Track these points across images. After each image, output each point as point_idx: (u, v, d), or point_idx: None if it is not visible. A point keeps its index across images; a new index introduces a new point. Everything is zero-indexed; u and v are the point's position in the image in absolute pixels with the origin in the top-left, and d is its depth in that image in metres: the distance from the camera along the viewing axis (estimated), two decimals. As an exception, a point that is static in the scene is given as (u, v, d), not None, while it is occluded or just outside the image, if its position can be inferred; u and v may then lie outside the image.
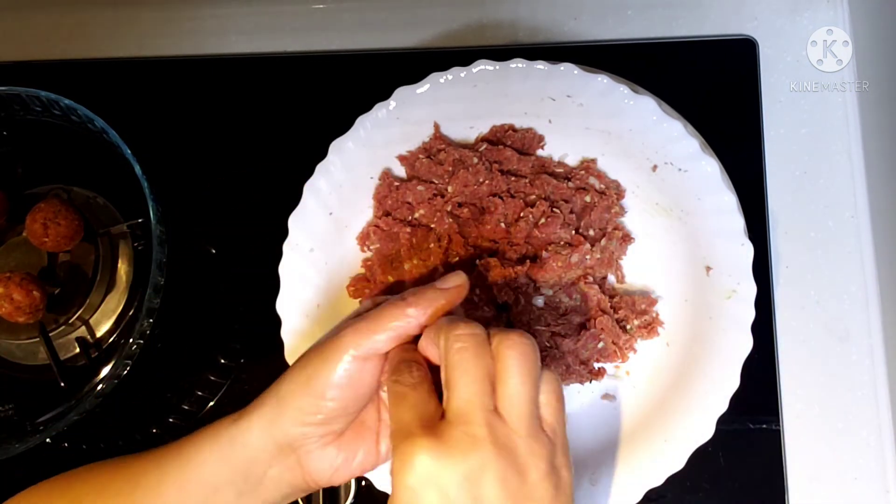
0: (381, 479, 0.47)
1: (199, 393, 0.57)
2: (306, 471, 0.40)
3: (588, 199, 0.49)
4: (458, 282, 0.39)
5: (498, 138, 0.51)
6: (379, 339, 0.37)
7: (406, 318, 0.37)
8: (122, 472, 0.42)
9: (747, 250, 0.46)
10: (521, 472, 0.32)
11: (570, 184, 0.49)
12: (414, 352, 0.38)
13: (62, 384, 0.54)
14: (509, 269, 0.46)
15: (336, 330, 0.39)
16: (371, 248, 0.50)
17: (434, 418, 0.33)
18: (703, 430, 0.46)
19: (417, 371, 0.36)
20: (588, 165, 0.50)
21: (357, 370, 0.38)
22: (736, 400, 0.45)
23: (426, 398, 0.35)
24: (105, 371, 0.54)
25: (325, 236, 0.50)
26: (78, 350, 0.55)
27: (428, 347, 0.37)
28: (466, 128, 0.52)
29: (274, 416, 0.39)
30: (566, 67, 0.48)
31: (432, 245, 0.48)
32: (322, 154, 0.50)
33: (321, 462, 0.40)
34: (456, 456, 0.31)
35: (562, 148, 0.51)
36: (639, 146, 0.49)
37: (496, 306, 0.47)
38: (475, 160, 0.49)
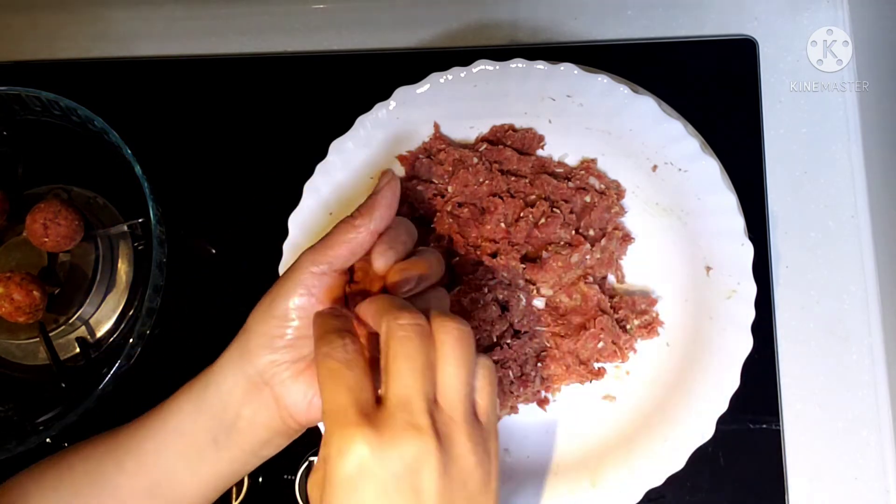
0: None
1: (199, 393, 0.57)
2: (281, 405, 0.39)
3: (588, 199, 0.49)
4: (387, 180, 0.40)
5: (498, 138, 0.51)
6: (334, 254, 0.38)
7: (355, 229, 0.38)
8: (107, 439, 0.42)
9: (747, 250, 0.46)
10: (458, 460, 0.32)
11: (570, 184, 0.49)
12: (345, 319, 0.36)
13: (62, 384, 0.54)
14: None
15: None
16: (371, 248, 0.50)
17: (370, 403, 0.32)
18: (703, 431, 0.46)
19: (352, 344, 0.34)
20: (588, 165, 0.50)
21: (317, 286, 0.38)
22: (736, 400, 0.45)
23: (362, 379, 0.33)
24: (105, 371, 0.54)
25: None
26: (78, 350, 0.55)
27: (366, 315, 0.36)
28: (466, 128, 0.52)
29: (242, 349, 0.39)
30: (566, 67, 0.48)
31: (432, 245, 0.48)
32: (322, 154, 0.50)
33: (295, 394, 0.39)
34: (397, 447, 0.30)
35: (562, 148, 0.51)
36: (639, 146, 0.49)
37: (501, 307, 0.47)
38: (475, 160, 0.49)
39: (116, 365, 0.51)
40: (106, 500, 0.41)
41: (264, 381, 0.39)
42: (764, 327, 0.51)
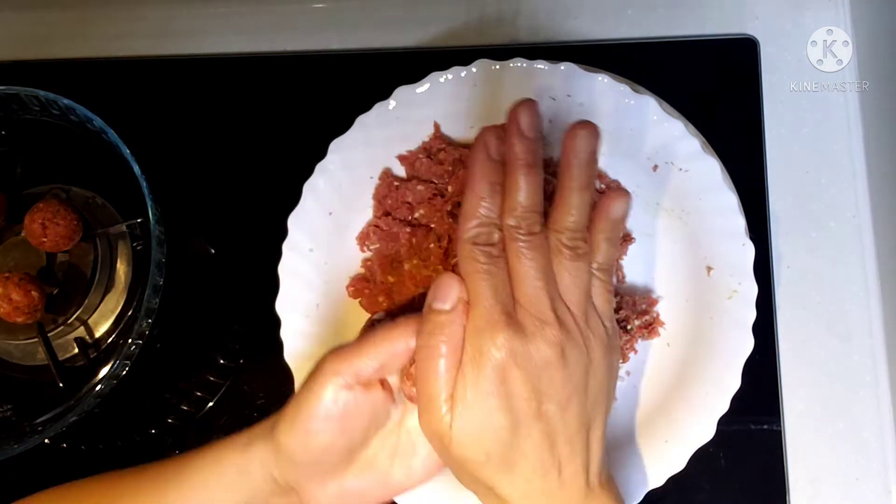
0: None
1: (198, 394, 0.57)
2: None
3: (588, 198, 0.49)
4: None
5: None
6: (363, 364, 0.35)
7: (393, 338, 0.36)
8: (115, 488, 0.41)
9: (748, 250, 0.46)
10: (579, 350, 0.35)
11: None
12: (491, 209, 0.36)
13: (61, 385, 0.53)
14: None
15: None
16: (371, 248, 0.50)
17: (511, 302, 0.34)
18: (703, 431, 0.45)
19: (497, 247, 0.35)
20: (588, 165, 0.50)
21: (345, 401, 0.35)
22: (737, 400, 0.45)
23: (505, 280, 0.35)
24: (104, 372, 0.54)
25: (324, 236, 0.50)
26: (76, 350, 0.55)
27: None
28: (466, 127, 0.51)
29: (271, 454, 0.37)
30: (566, 67, 0.48)
31: (432, 245, 0.48)
32: (322, 154, 0.50)
33: (323, 496, 0.38)
34: (533, 340, 0.34)
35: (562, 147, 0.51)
36: (639, 146, 0.49)
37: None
38: (475, 160, 0.49)
39: (115, 365, 0.51)
40: None
41: (291, 488, 0.38)
42: (765, 327, 0.51)
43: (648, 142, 0.49)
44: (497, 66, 0.48)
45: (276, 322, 0.49)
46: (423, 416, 0.35)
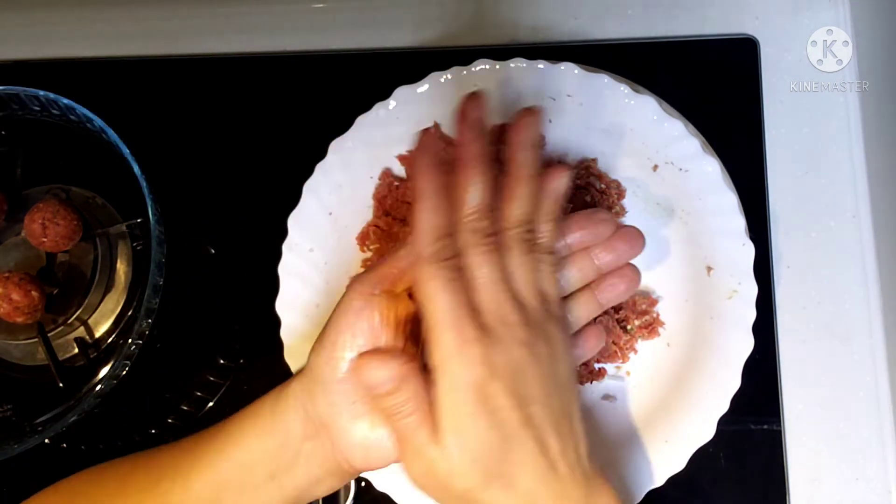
0: (380, 480, 0.47)
1: (199, 393, 0.57)
2: (337, 448, 0.38)
3: (588, 198, 0.49)
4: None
5: (498, 138, 0.51)
6: (383, 270, 0.37)
7: (409, 249, 0.36)
8: (145, 464, 0.41)
9: (748, 250, 0.46)
10: (548, 341, 0.35)
11: (571, 183, 0.49)
12: (444, 223, 0.35)
13: (61, 385, 0.54)
14: None
15: None
16: (371, 248, 0.50)
17: (477, 313, 0.34)
18: (704, 431, 0.45)
19: (455, 258, 0.35)
20: (588, 165, 0.50)
21: (369, 308, 0.36)
22: (737, 400, 0.45)
23: (466, 291, 0.35)
24: (104, 371, 0.54)
25: (324, 236, 0.50)
26: (76, 350, 0.55)
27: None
28: (466, 127, 0.51)
29: (305, 386, 0.38)
30: (566, 67, 0.48)
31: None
32: (322, 154, 0.50)
33: (351, 438, 0.37)
34: (506, 349, 0.34)
35: (562, 148, 0.51)
36: (639, 146, 0.49)
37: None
38: (475, 160, 0.49)
39: (115, 365, 0.51)
40: None
41: (323, 423, 0.38)
42: (765, 327, 0.51)
43: (648, 142, 0.49)
44: (497, 66, 0.48)
45: (276, 322, 0.49)
46: (412, 468, 0.35)
